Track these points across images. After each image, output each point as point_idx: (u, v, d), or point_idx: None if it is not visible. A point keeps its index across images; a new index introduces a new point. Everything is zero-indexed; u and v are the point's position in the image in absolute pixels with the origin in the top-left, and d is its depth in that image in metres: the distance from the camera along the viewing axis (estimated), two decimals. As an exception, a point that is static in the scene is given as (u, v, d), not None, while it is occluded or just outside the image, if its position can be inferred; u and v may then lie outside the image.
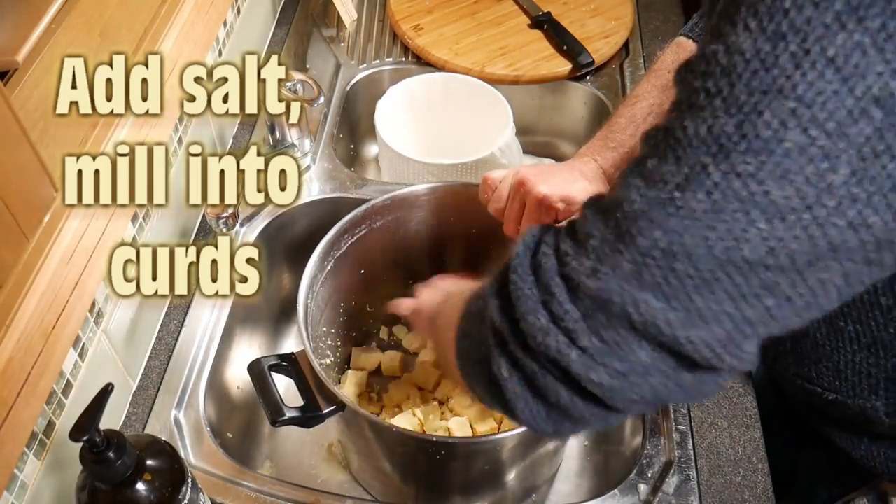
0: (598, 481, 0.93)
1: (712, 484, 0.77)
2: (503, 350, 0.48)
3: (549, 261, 0.46)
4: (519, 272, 0.47)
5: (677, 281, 0.41)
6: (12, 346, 0.58)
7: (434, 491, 0.86)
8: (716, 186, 0.39)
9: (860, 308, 0.66)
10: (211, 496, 0.75)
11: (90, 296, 0.69)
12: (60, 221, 0.65)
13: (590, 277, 0.43)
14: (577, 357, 0.44)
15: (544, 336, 0.45)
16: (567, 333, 0.44)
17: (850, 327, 0.68)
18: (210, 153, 0.79)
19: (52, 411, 0.68)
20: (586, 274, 0.43)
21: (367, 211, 0.87)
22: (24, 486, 0.64)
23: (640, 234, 0.42)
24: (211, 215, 0.89)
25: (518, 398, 0.48)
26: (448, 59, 1.21)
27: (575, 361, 0.44)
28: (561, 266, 0.45)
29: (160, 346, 0.89)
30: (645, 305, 0.42)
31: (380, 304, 1.01)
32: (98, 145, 0.72)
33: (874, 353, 0.68)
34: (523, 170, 0.80)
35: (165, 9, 0.84)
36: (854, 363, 0.70)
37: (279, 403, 0.72)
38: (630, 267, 0.42)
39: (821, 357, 0.73)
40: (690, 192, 0.40)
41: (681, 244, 0.40)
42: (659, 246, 0.41)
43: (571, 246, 0.45)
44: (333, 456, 0.96)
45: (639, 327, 0.43)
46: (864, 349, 0.69)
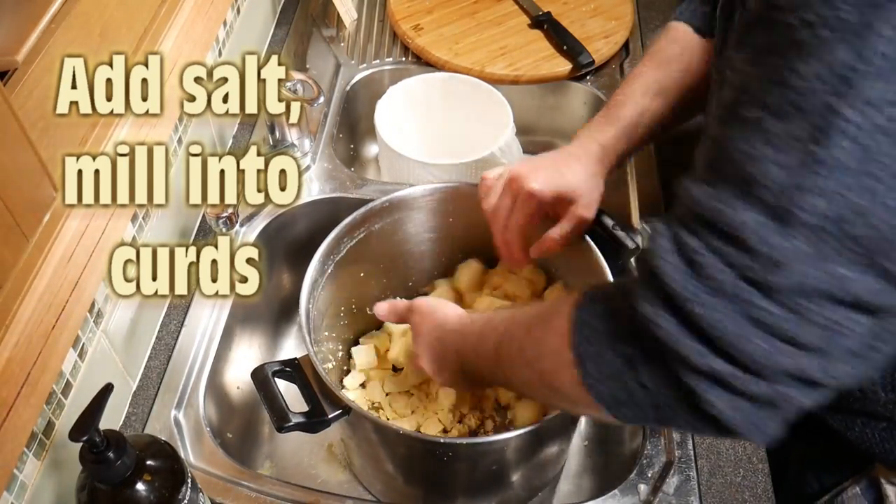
0: (598, 481, 0.93)
1: (712, 484, 0.77)
2: (689, 369, 0.44)
3: (716, 267, 0.41)
4: (688, 288, 0.42)
5: (863, 248, 0.37)
6: (12, 346, 0.58)
7: (439, 492, 0.86)
8: (856, 127, 0.35)
9: None
10: (211, 496, 0.75)
11: (90, 296, 0.69)
12: (60, 221, 0.65)
13: (776, 273, 0.39)
14: (812, 361, 0.40)
15: (771, 356, 0.41)
16: (790, 341, 0.40)
17: None
18: (210, 153, 0.79)
19: (51, 411, 0.68)
20: (770, 270, 0.39)
21: (365, 214, 0.87)
22: (24, 486, 0.64)
23: (799, 208, 0.37)
24: (211, 215, 0.89)
25: (732, 412, 0.44)
26: (448, 59, 1.21)
27: (811, 367, 0.41)
28: (733, 268, 0.41)
29: (160, 346, 0.89)
30: (845, 279, 0.38)
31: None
32: (98, 145, 0.72)
33: None
34: (517, 165, 0.79)
35: (165, 9, 0.84)
36: None
37: (285, 410, 0.72)
38: (808, 248, 0.38)
39: None
40: (830, 143, 0.36)
41: (847, 206, 0.36)
42: (826, 214, 0.37)
43: (725, 243, 0.41)
44: (333, 456, 0.96)
45: (849, 300, 0.39)
46: None
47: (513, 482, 0.83)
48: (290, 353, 1.09)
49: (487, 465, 0.78)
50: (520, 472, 0.82)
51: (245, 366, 0.96)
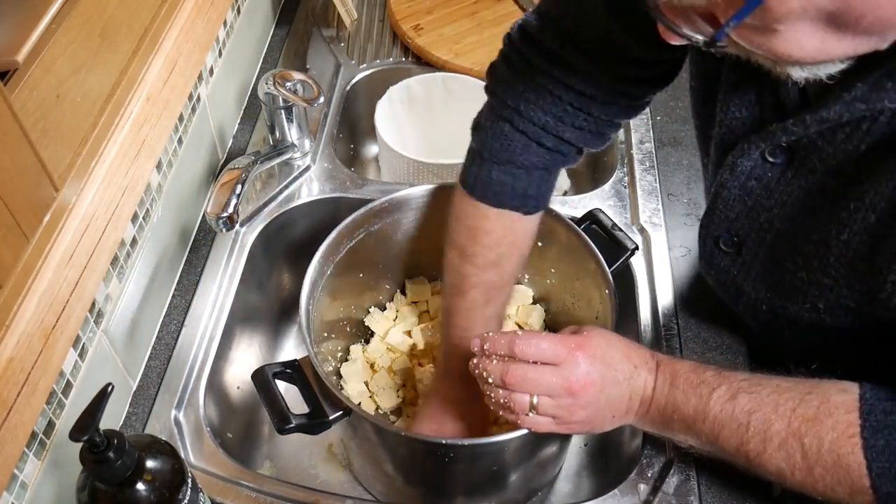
0: (598, 481, 0.93)
1: (712, 484, 0.77)
2: None
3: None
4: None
5: None
6: (12, 346, 0.58)
7: (438, 492, 0.86)
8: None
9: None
10: (211, 496, 0.75)
11: (90, 296, 0.69)
12: (60, 221, 0.65)
13: None
14: None
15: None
16: None
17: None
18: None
19: (52, 411, 0.68)
20: None
21: (365, 214, 0.87)
22: (25, 486, 0.64)
23: None
24: (211, 216, 0.89)
25: None
26: (448, 59, 1.21)
27: None
28: None
29: (160, 346, 0.89)
30: None
31: (380, 305, 1.01)
32: (98, 145, 0.72)
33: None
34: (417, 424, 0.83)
35: (165, 9, 0.84)
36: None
37: (285, 411, 0.72)
38: None
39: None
40: None
41: None
42: None
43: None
44: (333, 456, 0.96)
45: None
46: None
47: (512, 482, 0.83)
48: (290, 353, 1.09)
49: (487, 465, 0.78)
50: (519, 472, 0.82)
51: (245, 366, 0.97)
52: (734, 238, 0.71)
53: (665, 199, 1.02)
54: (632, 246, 0.86)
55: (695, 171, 1.06)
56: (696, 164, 1.07)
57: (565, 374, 0.65)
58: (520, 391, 0.65)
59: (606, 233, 0.87)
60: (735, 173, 0.67)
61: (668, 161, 1.07)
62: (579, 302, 0.90)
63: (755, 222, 0.68)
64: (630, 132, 1.11)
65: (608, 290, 0.80)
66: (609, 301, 0.79)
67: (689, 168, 1.06)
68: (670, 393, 0.67)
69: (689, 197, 1.03)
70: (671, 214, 1.01)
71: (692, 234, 0.98)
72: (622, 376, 0.67)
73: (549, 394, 0.65)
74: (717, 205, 0.70)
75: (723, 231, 0.72)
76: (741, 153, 0.65)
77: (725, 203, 0.69)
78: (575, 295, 0.90)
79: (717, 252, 0.74)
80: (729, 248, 0.72)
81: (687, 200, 1.02)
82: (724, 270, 0.74)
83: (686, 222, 1.00)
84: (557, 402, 0.65)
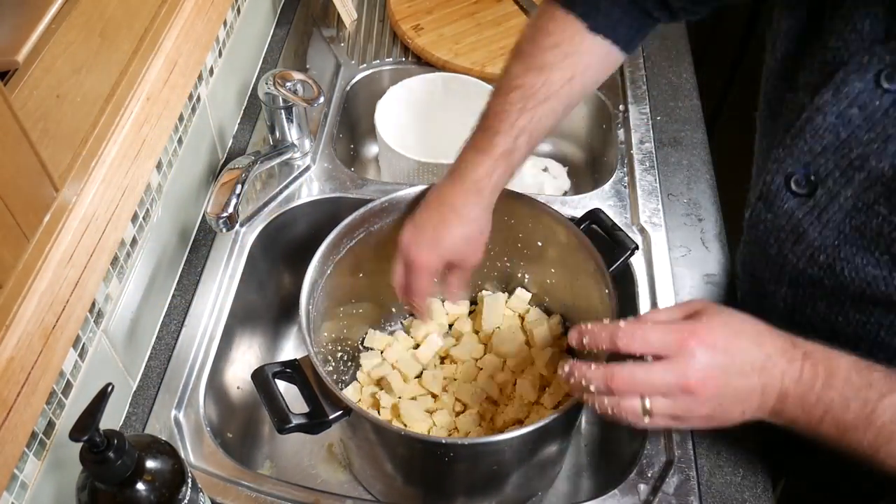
0: (598, 481, 0.93)
1: (712, 484, 0.77)
2: None
3: None
4: None
5: None
6: (12, 346, 0.58)
7: (439, 492, 0.86)
8: None
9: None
10: (211, 496, 0.75)
11: (90, 296, 0.69)
12: (60, 221, 0.65)
13: None
14: None
15: None
16: None
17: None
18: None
19: (52, 411, 0.68)
20: None
21: (365, 214, 0.87)
22: (25, 486, 0.64)
23: None
24: (211, 215, 0.89)
25: None
26: (448, 59, 1.21)
27: None
28: None
29: (160, 346, 0.89)
30: None
31: (380, 305, 1.01)
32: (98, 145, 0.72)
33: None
34: (405, 233, 0.81)
35: (165, 9, 0.84)
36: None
37: (285, 411, 0.72)
38: None
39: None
40: None
41: None
42: None
43: None
44: (333, 456, 0.96)
45: None
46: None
47: (512, 482, 0.83)
48: (290, 353, 1.09)
49: (487, 465, 0.78)
50: (520, 472, 0.82)
51: (245, 366, 0.97)
52: (811, 177, 0.64)
53: (665, 199, 1.02)
54: (632, 246, 0.86)
55: (695, 171, 1.06)
56: (696, 164, 1.07)
57: (679, 370, 0.56)
58: (629, 396, 0.57)
59: (606, 233, 0.87)
60: (838, 96, 0.60)
61: (668, 161, 1.08)
62: (579, 302, 0.90)
63: (844, 158, 0.61)
64: (630, 132, 1.11)
65: (608, 290, 0.80)
66: (609, 301, 0.79)
67: (689, 168, 1.07)
68: (823, 392, 0.57)
69: (689, 197, 1.03)
70: (671, 214, 1.01)
71: (692, 234, 0.98)
72: (751, 367, 0.57)
73: (662, 394, 0.57)
74: (803, 135, 0.63)
75: (800, 167, 0.64)
76: (856, 68, 0.58)
77: (814, 133, 0.62)
78: (575, 295, 0.90)
79: (783, 192, 0.66)
80: (800, 189, 0.65)
81: (687, 200, 1.02)
82: (785, 213, 0.66)
83: (686, 222, 1.00)
84: (673, 401, 0.57)
